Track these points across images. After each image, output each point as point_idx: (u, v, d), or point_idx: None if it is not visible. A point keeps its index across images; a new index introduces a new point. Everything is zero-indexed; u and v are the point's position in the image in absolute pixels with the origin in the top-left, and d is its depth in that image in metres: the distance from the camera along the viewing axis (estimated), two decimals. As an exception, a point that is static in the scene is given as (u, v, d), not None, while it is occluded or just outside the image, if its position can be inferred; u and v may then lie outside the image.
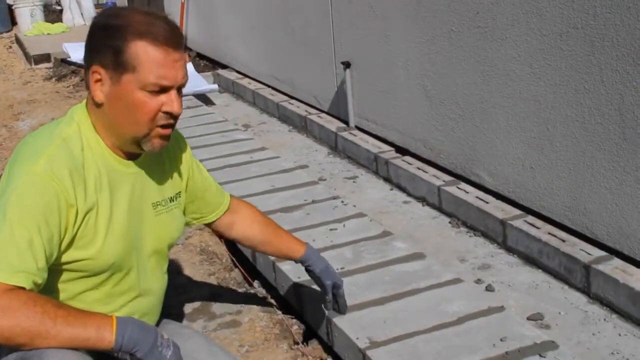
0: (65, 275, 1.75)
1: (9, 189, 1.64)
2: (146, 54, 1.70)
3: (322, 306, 2.44)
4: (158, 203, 1.94)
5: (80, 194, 1.71)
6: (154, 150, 1.81)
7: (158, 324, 2.07)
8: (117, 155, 1.82)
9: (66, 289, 1.77)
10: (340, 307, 2.44)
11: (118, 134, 1.79)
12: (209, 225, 2.30)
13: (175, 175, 2.03)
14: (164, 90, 1.73)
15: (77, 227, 1.71)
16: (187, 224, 2.23)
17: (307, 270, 2.37)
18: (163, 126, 1.77)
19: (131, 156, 1.86)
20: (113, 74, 1.72)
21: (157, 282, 2.00)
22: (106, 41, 1.72)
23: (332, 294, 2.39)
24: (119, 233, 1.80)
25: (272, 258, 2.87)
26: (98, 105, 1.76)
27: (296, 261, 2.37)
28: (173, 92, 1.74)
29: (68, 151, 1.73)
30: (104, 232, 1.76)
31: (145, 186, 1.90)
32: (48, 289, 1.69)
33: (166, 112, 1.75)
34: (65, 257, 1.72)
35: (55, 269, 1.70)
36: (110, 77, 1.73)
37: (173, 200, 2.01)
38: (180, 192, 2.05)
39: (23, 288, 1.56)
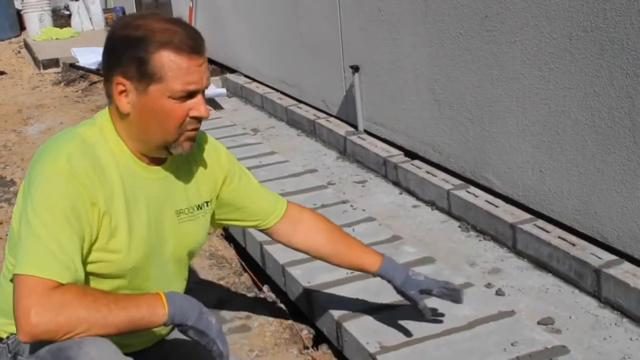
0: (85, 277, 1.75)
1: (33, 189, 1.67)
2: (172, 63, 1.72)
3: (425, 315, 2.25)
4: (181, 211, 1.93)
5: (100, 193, 1.72)
6: (183, 153, 1.83)
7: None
8: (141, 161, 1.84)
9: None
10: (456, 298, 2.23)
11: (146, 142, 1.80)
12: (267, 233, 2.23)
13: (206, 182, 2.01)
14: (190, 95, 1.76)
15: (98, 226, 1.73)
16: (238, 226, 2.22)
17: (390, 283, 2.23)
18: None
19: (156, 161, 1.87)
20: (138, 85, 1.74)
21: (175, 289, 1.99)
22: (128, 53, 1.73)
23: (438, 292, 2.21)
24: (139, 238, 1.81)
25: (282, 262, 2.87)
26: (124, 115, 1.78)
27: (374, 275, 2.24)
28: (199, 96, 1.77)
29: (87, 151, 1.75)
30: (125, 236, 1.77)
31: (171, 192, 1.91)
32: None
33: (194, 117, 1.78)
34: (88, 257, 1.73)
35: None
36: (135, 88, 1.74)
37: (200, 208, 1.99)
38: (209, 200, 2.03)
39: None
